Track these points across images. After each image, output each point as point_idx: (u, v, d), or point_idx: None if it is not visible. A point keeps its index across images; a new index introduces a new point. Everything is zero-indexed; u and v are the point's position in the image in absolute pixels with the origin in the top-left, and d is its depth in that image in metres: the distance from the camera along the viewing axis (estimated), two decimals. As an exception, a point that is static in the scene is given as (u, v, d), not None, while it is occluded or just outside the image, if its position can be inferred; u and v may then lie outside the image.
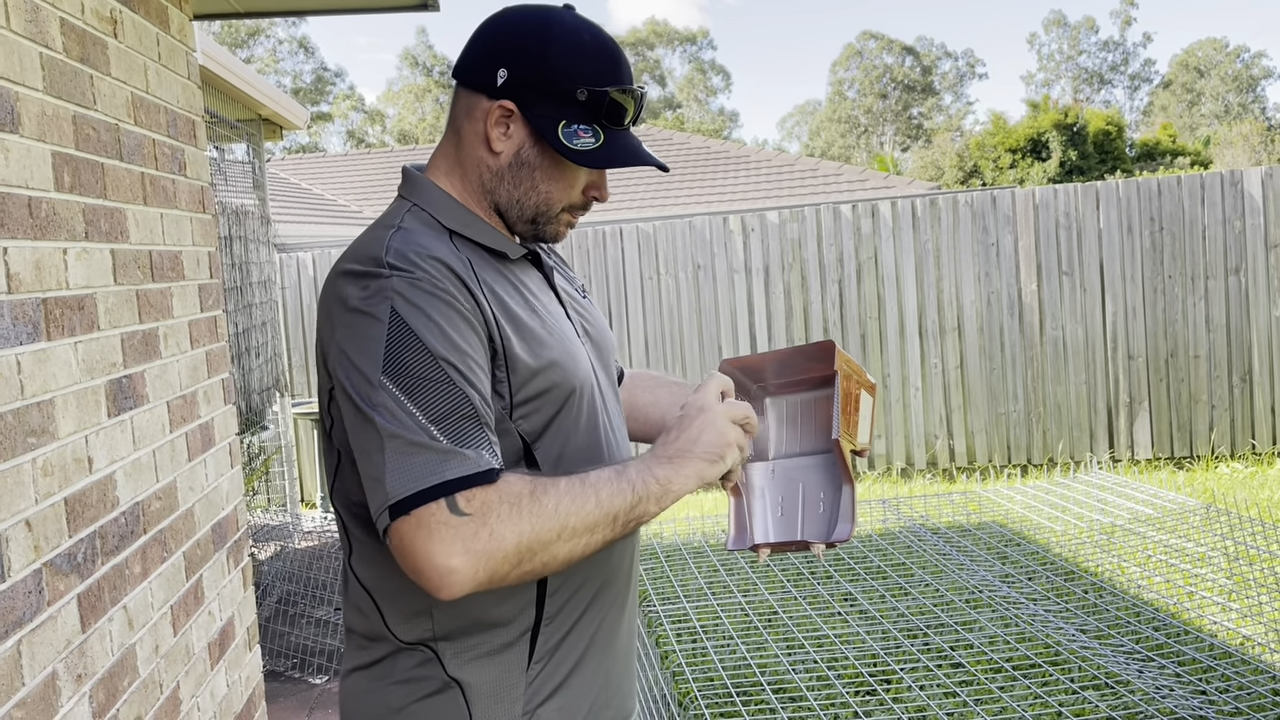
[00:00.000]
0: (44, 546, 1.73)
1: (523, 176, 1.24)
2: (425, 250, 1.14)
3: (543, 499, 1.06)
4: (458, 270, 1.15)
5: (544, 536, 1.05)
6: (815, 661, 3.73)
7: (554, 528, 1.06)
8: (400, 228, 1.20)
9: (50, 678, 1.72)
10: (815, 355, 1.33)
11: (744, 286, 7.31)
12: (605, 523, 1.09)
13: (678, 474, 1.13)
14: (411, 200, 1.26)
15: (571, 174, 1.25)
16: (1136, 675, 3.41)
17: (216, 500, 2.67)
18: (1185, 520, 5.07)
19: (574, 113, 1.21)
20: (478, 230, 1.25)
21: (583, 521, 1.07)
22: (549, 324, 1.25)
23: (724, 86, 52.99)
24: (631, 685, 1.38)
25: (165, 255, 2.42)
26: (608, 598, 1.30)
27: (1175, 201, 6.98)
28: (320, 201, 13.31)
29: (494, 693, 1.21)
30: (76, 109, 1.98)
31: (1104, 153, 25.26)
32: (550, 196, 1.25)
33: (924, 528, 5.37)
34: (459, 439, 1.06)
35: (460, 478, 1.04)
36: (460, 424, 1.07)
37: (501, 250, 1.26)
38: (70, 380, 1.88)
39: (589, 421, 1.27)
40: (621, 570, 1.33)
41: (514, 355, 1.16)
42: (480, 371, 1.12)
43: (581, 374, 1.25)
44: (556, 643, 1.24)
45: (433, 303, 1.10)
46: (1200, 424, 7.07)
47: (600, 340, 1.39)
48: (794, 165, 13.84)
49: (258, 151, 5.93)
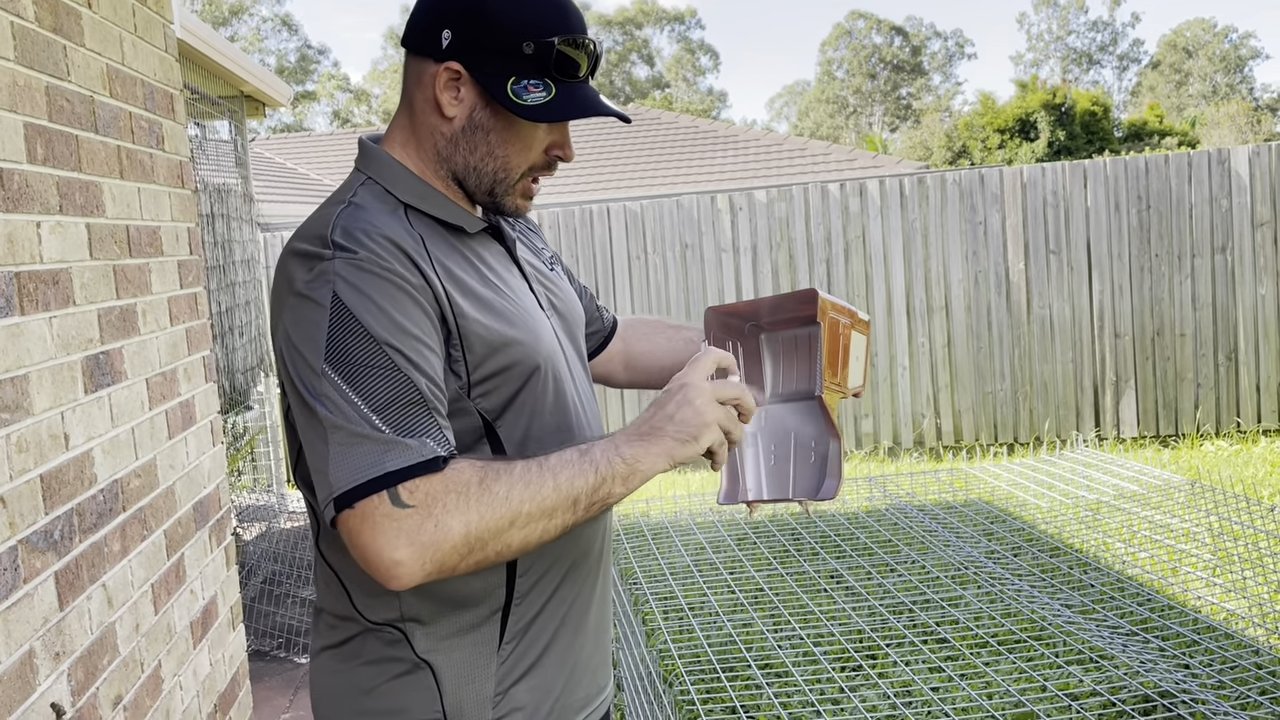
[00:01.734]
0: (19, 523, 1.71)
1: (477, 141, 1.19)
2: (373, 228, 1.10)
3: (493, 486, 1.03)
4: (407, 248, 1.11)
5: (495, 525, 1.02)
6: (801, 638, 3.74)
7: (505, 515, 1.02)
8: (350, 203, 1.16)
9: (27, 655, 1.70)
10: (803, 299, 1.31)
11: (732, 266, 7.29)
12: (565, 507, 1.05)
13: (647, 453, 1.08)
14: (366, 174, 1.22)
15: (528, 133, 1.19)
16: (1121, 650, 3.43)
17: (198, 479, 2.64)
18: (1170, 497, 5.09)
19: (522, 68, 1.15)
20: (433, 204, 1.21)
21: (538, 507, 1.04)
22: (509, 299, 1.21)
23: (712, 66, 52.76)
24: (604, 662, 1.37)
25: (143, 230, 2.39)
26: (578, 577, 1.28)
27: (1163, 180, 6.98)
28: (305, 181, 13.22)
29: (465, 673, 1.19)
30: (50, 80, 1.95)
31: (1091, 133, 25.28)
32: (508, 160, 1.20)
33: (911, 505, 5.38)
34: (402, 428, 1.03)
35: (402, 468, 1.01)
36: (404, 411, 1.03)
37: (457, 224, 1.22)
38: (45, 356, 1.85)
39: (556, 399, 1.24)
40: (593, 549, 1.30)
41: (469, 333, 1.13)
42: (429, 353, 1.08)
43: (545, 350, 1.21)
44: (528, 622, 1.22)
45: (377, 284, 1.06)
46: (1186, 402, 7.10)
47: (568, 313, 1.35)
48: (782, 145, 13.80)
49: (240, 129, 5.87)
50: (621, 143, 14.37)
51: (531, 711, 1.23)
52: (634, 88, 49.44)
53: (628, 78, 49.90)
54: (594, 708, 1.34)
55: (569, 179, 12.57)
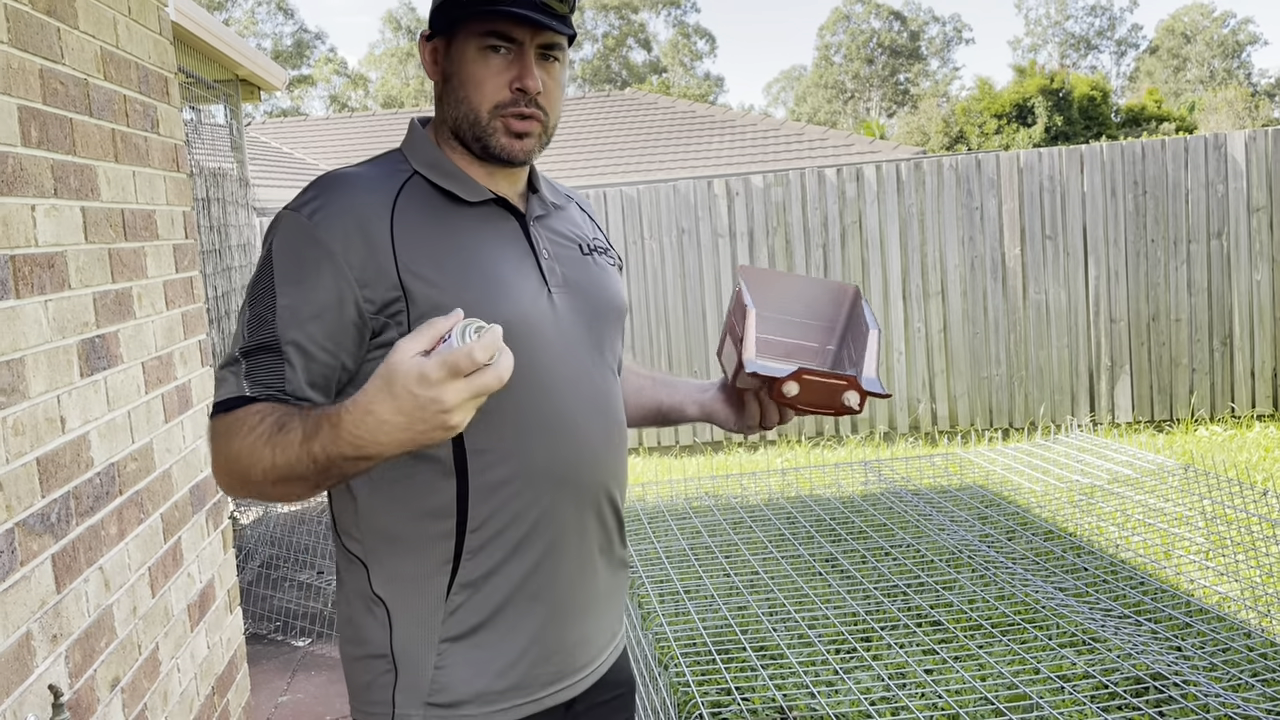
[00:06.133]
0: (16, 506, 1.71)
1: (451, 91, 1.31)
2: (341, 194, 1.24)
3: (233, 442, 1.15)
4: (371, 216, 1.23)
5: (240, 472, 1.15)
6: (796, 622, 3.75)
7: (242, 468, 1.15)
8: (350, 169, 1.30)
9: (24, 637, 1.71)
10: (836, 292, 1.37)
11: (728, 251, 7.29)
12: (294, 478, 1.11)
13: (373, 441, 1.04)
14: (400, 146, 1.36)
15: (479, 69, 1.28)
16: (1114, 633, 3.45)
17: (195, 462, 2.65)
18: (1164, 481, 5.11)
19: (454, 9, 1.28)
20: (439, 173, 1.31)
21: (264, 474, 1.12)
22: (483, 266, 1.27)
23: (709, 51, 52.64)
24: (588, 643, 1.38)
25: (138, 214, 2.39)
26: (540, 547, 1.30)
27: (1159, 165, 6.98)
28: (301, 165, 13.17)
29: (413, 617, 1.27)
30: (43, 62, 1.94)
31: (1089, 118, 25.24)
32: (470, 99, 1.29)
33: (906, 490, 5.40)
34: (250, 369, 1.20)
35: (218, 400, 1.20)
36: (258, 356, 1.20)
37: (455, 193, 1.30)
38: (41, 339, 1.85)
39: (517, 370, 1.18)
40: (565, 525, 1.31)
41: (413, 289, 1.22)
42: (313, 311, 1.20)
43: (506, 313, 1.21)
44: (476, 580, 1.28)
45: (300, 249, 1.22)
46: (1180, 387, 7.12)
47: (591, 294, 1.38)
48: (779, 130, 13.77)
49: (236, 113, 5.85)
50: (618, 128, 14.33)
51: (478, 669, 1.28)
52: (631, 72, 49.27)
53: (624, 62, 49.72)
54: (572, 682, 1.36)
55: (565, 163, 12.54)
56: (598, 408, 1.35)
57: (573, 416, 1.31)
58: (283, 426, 1.12)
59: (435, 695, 1.27)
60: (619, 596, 1.45)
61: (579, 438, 1.32)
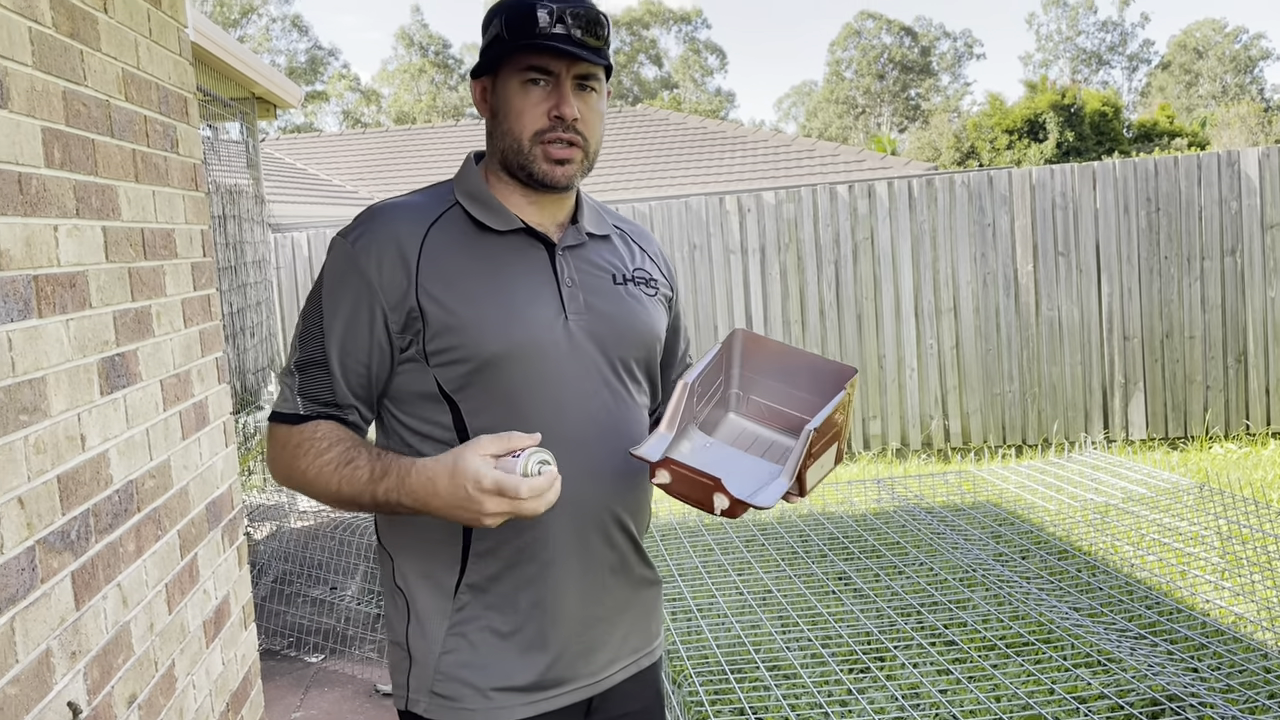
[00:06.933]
0: (37, 524, 1.73)
1: (498, 125, 1.41)
2: (382, 223, 1.38)
3: (300, 461, 1.36)
4: (400, 239, 1.37)
5: (301, 484, 1.37)
6: (809, 640, 3.74)
7: (305, 482, 1.36)
8: (398, 199, 1.44)
9: (44, 655, 1.72)
10: (837, 372, 1.37)
11: (740, 267, 7.30)
12: (353, 504, 1.34)
13: (426, 505, 1.27)
14: (452, 178, 1.48)
15: (520, 100, 1.37)
16: (1129, 653, 3.43)
17: (211, 479, 2.66)
18: (1179, 500, 5.08)
19: (495, 47, 1.39)
20: (476, 203, 1.42)
21: (327, 495, 1.34)
22: (498, 291, 1.36)
23: (720, 66, 52.66)
24: (595, 653, 1.44)
25: (157, 233, 2.41)
26: (539, 562, 1.38)
27: (1172, 182, 6.97)
28: (315, 181, 13.26)
29: (426, 611, 1.40)
30: (67, 85, 1.97)
31: (1101, 134, 25.22)
32: (512, 129, 1.38)
33: (919, 507, 5.38)
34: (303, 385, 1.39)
35: (277, 413, 1.40)
36: (309, 370, 1.39)
37: (485, 223, 1.41)
38: (62, 358, 1.87)
39: (529, 392, 1.36)
40: (564, 545, 1.38)
41: (429, 311, 1.35)
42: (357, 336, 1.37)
43: (512, 342, 1.35)
44: (481, 582, 1.38)
45: (346, 275, 1.37)
46: (1195, 404, 7.09)
47: (616, 321, 1.44)
48: (791, 146, 13.79)
49: (251, 130, 5.89)
50: (630, 144, 14.38)
51: (478, 665, 1.37)
52: (642, 88, 49.45)
53: (636, 78, 49.91)
54: (574, 688, 1.42)
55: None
56: (607, 432, 1.40)
57: (579, 440, 1.36)
58: (349, 461, 1.32)
59: (439, 685, 1.39)
60: (641, 611, 1.50)
61: (583, 461, 1.36)
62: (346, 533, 4.79)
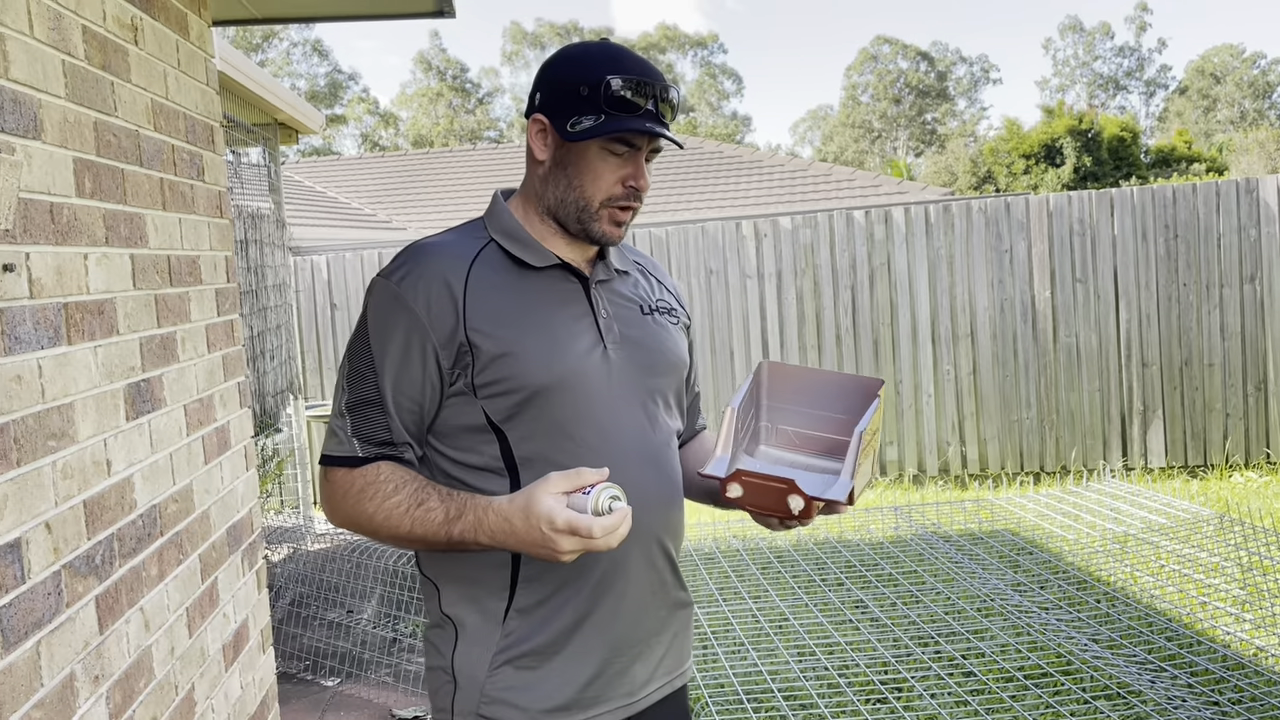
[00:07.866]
0: (63, 549, 1.75)
1: (559, 176, 1.44)
2: (424, 262, 1.41)
3: (366, 505, 1.39)
4: (445, 275, 1.40)
5: (367, 528, 1.40)
6: (826, 668, 3.73)
7: (372, 526, 1.39)
8: (435, 238, 1.48)
9: (68, 679, 1.74)
10: (863, 386, 1.38)
11: (756, 292, 7.32)
12: (425, 544, 1.37)
13: (503, 544, 1.32)
14: (483, 215, 1.52)
15: (599, 165, 1.41)
16: (1149, 685, 3.40)
17: (232, 503, 2.68)
18: (1198, 530, 5.04)
19: (583, 108, 1.39)
20: (513, 241, 1.47)
21: (395, 537, 1.38)
22: (541, 324, 1.41)
23: (735, 90, 52.96)
24: (633, 674, 1.47)
25: (183, 260, 2.44)
26: (588, 586, 1.41)
27: (1190, 209, 6.96)
28: (334, 205, 13.36)
29: (474, 636, 1.43)
30: (98, 115, 2.00)
31: (1119, 159, 25.18)
32: (584, 190, 1.42)
33: (936, 535, 5.35)
34: (357, 426, 1.42)
35: (332, 456, 1.42)
36: (363, 410, 1.41)
37: (523, 259, 1.45)
38: (90, 384, 1.89)
39: (575, 420, 1.39)
40: (611, 568, 1.42)
41: (478, 344, 1.39)
42: (408, 372, 1.40)
43: (558, 372, 1.39)
44: (530, 607, 1.41)
45: (393, 313, 1.40)
46: (1214, 433, 7.04)
47: (649, 349, 1.50)
48: (807, 170, 13.83)
49: (273, 155, 5.96)
50: (647, 168, 14.43)
51: (525, 688, 1.41)
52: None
53: (653, 102, 50.10)
54: (613, 708, 1.46)
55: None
56: (648, 458, 1.45)
57: (622, 465, 1.39)
58: (421, 503, 1.36)
59: (484, 708, 1.42)
60: (676, 633, 1.54)
61: (626, 485, 1.38)
62: (363, 555, 4.80)
